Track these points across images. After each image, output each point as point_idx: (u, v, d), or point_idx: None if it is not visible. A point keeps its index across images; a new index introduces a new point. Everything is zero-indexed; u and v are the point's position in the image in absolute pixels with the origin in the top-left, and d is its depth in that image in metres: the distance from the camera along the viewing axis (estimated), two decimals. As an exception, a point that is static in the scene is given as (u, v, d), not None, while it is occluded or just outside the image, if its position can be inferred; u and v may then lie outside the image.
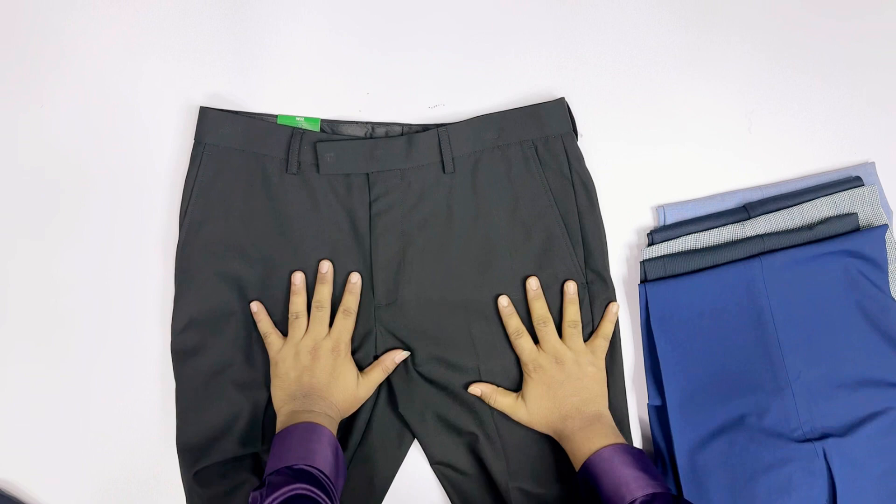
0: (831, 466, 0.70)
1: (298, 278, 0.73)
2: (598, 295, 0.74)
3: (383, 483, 0.73)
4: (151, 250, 0.77)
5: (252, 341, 0.73)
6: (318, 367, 0.69)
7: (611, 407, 0.72)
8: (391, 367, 0.72)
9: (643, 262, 0.76)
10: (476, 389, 0.72)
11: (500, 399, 0.72)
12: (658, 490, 0.62)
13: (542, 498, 0.71)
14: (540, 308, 0.73)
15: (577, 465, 0.67)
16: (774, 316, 0.74)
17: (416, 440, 0.74)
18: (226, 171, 0.74)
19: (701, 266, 0.75)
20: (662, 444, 0.74)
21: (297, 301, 0.72)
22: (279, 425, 0.67)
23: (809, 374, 0.73)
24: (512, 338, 0.72)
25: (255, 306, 0.72)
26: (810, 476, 0.70)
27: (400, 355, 0.72)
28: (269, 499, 0.57)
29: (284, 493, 0.57)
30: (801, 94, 0.82)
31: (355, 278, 0.73)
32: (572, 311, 0.73)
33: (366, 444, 0.73)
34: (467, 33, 0.81)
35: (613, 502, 0.63)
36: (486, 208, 0.74)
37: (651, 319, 0.75)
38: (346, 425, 0.72)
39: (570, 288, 0.73)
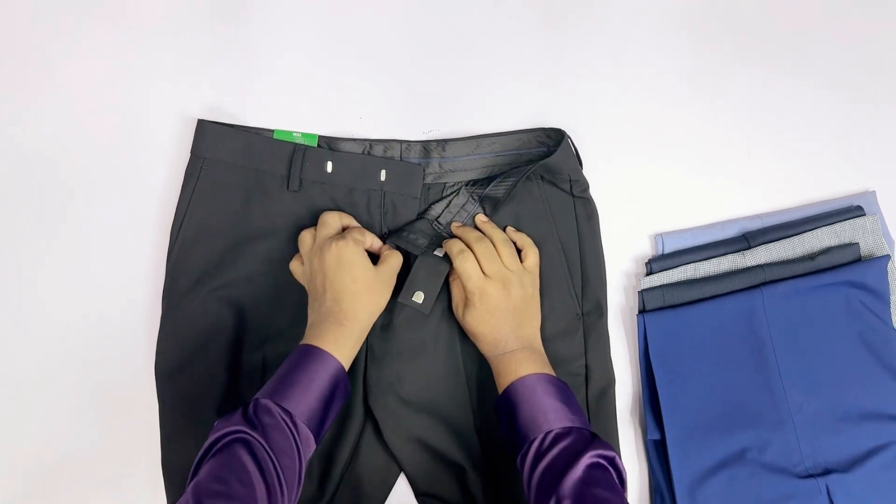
0: (834, 503, 0.69)
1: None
2: (592, 326, 0.73)
3: None
4: (141, 266, 0.75)
5: (239, 363, 0.71)
6: (326, 261, 0.65)
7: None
8: (400, 255, 0.70)
9: (641, 292, 0.75)
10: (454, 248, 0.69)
11: (455, 290, 0.70)
12: (576, 425, 0.61)
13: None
14: (473, 232, 0.71)
15: (501, 387, 0.65)
16: (775, 347, 0.73)
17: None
18: (223, 186, 0.73)
19: (700, 296, 0.74)
20: (662, 479, 0.72)
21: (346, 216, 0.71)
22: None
23: (811, 407, 0.72)
24: (456, 260, 0.68)
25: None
26: (813, 513, 0.69)
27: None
28: (215, 435, 0.57)
29: (225, 436, 0.57)
30: (802, 121, 0.81)
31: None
32: (499, 232, 0.71)
33: (353, 474, 0.71)
34: (463, 57, 0.81)
35: (529, 430, 0.61)
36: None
37: (650, 351, 0.73)
38: (331, 454, 0.70)
39: (481, 217, 0.73)
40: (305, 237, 0.70)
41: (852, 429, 0.71)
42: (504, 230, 0.73)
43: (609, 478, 0.58)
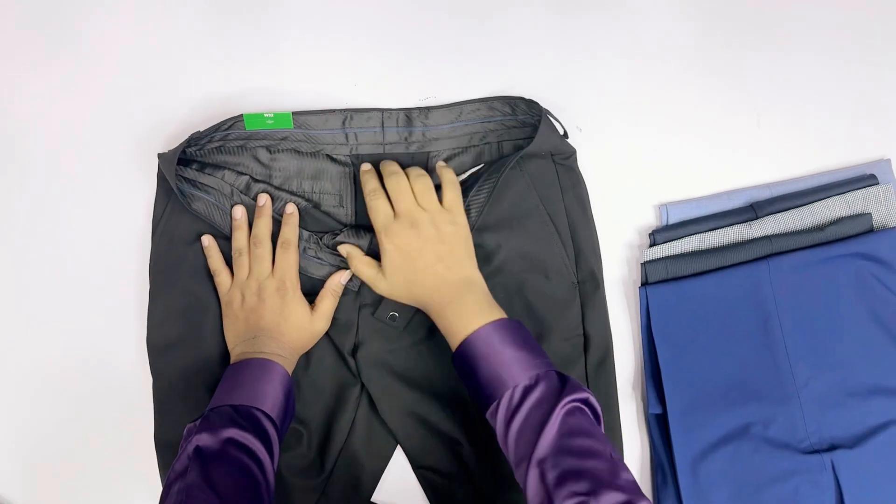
0: (839, 479, 0.68)
1: (239, 212, 0.70)
2: (588, 295, 0.71)
3: (369, 484, 0.71)
4: (127, 240, 0.75)
5: None
6: (266, 309, 0.66)
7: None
8: (339, 290, 0.69)
9: (644, 264, 0.73)
10: (343, 250, 0.68)
11: (362, 269, 0.67)
12: (541, 370, 0.58)
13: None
14: (390, 165, 0.69)
15: (453, 346, 0.62)
16: (782, 321, 0.72)
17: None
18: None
19: (705, 268, 0.73)
20: (663, 454, 0.72)
21: (239, 237, 0.69)
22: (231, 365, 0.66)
23: (818, 383, 0.71)
24: (367, 199, 0.67)
25: (207, 240, 0.70)
26: (817, 489, 0.68)
27: (344, 276, 0.69)
28: (200, 437, 0.56)
29: (218, 439, 0.56)
30: (813, 87, 0.79)
31: (291, 209, 0.70)
32: (415, 168, 0.68)
33: (350, 447, 0.71)
34: (464, 22, 0.79)
35: (495, 388, 0.58)
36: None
37: (652, 324, 0.72)
38: (329, 426, 0.70)
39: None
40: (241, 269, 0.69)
41: (860, 405, 0.70)
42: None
43: (584, 421, 0.56)
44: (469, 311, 0.62)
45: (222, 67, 0.77)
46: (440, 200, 0.67)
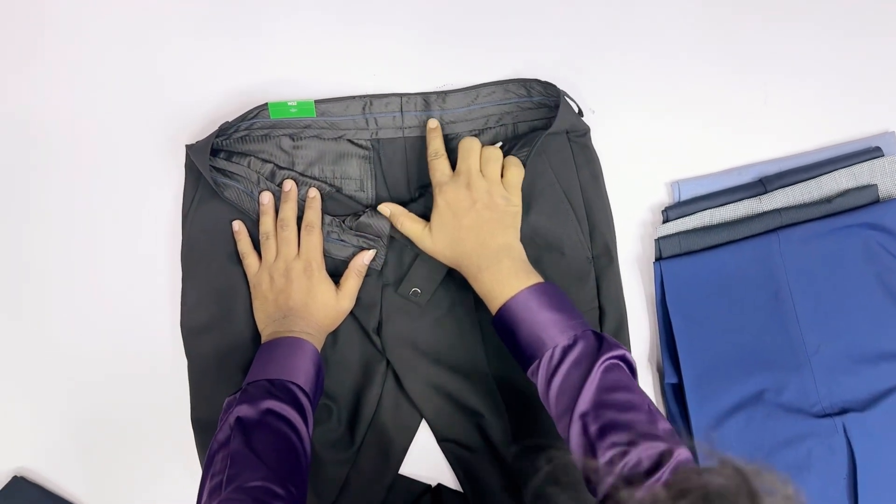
0: (851, 442, 0.70)
1: (266, 198, 0.72)
2: (603, 269, 0.73)
3: (397, 456, 0.73)
4: (158, 230, 0.76)
5: None
6: (294, 289, 0.69)
7: None
8: (363, 270, 0.71)
9: (658, 240, 0.75)
10: (385, 209, 0.70)
11: (408, 224, 0.69)
12: (579, 330, 0.60)
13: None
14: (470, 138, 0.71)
15: (493, 310, 0.64)
16: (792, 291, 0.73)
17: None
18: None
19: (717, 242, 0.74)
20: (680, 422, 0.73)
21: (266, 221, 0.71)
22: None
23: (828, 349, 0.72)
24: (430, 159, 0.70)
25: (237, 225, 0.72)
26: (830, 452, 0.70)
27: (367, 256, 0.71)
28: (240, 408, 0.59)
29: (258, 410, 0.59)
30: (818, 63, 0.80)
31: (313, 193, 0.72)
32: (488, 148, 0.70)
33: (378, 421, 0.73)
34: (478, 11, 0.80)
35: (535, 349, 0.61)
36: None
37: (667, 297, 0.74)
38: (357, 401, 0.72)
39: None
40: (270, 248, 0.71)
41: (869, 369, 0.72)
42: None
43: (622, 376, 0.59)
44: (506, 277, 0.63)
45: (243, 61, 0.79)
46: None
